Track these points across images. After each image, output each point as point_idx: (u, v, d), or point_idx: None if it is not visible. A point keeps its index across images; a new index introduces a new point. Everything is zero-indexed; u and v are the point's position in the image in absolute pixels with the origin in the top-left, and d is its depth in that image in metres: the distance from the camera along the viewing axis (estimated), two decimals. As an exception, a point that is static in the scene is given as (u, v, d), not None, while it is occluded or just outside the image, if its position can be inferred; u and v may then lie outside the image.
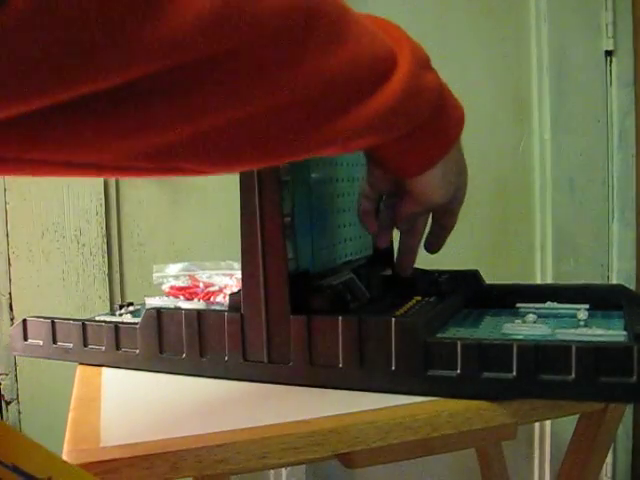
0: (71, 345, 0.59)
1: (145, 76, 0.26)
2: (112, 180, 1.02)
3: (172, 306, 0.64)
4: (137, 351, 0.56)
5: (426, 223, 0.55)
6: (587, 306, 0.58)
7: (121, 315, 0.67)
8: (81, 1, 0.21)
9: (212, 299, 0.69)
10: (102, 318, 0.63)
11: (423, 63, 0.40)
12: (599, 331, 0.49)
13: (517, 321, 0.54)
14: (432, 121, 0.42)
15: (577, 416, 0.58)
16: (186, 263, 0.77)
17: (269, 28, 0.28)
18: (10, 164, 0.28)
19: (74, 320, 0.59)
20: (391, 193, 0.53)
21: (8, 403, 0.99)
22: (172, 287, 0.72)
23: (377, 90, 0.36)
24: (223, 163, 0.33)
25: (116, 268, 1.03)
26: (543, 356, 0.42)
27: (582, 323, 0.54)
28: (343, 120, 0.35)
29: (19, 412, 0.99)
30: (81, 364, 0.59)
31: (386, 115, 0.37)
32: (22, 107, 0.23)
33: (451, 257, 0.57)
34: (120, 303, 0.72)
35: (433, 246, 0.57)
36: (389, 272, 0.63)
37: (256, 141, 0.33)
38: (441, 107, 0.43)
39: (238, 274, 0.73)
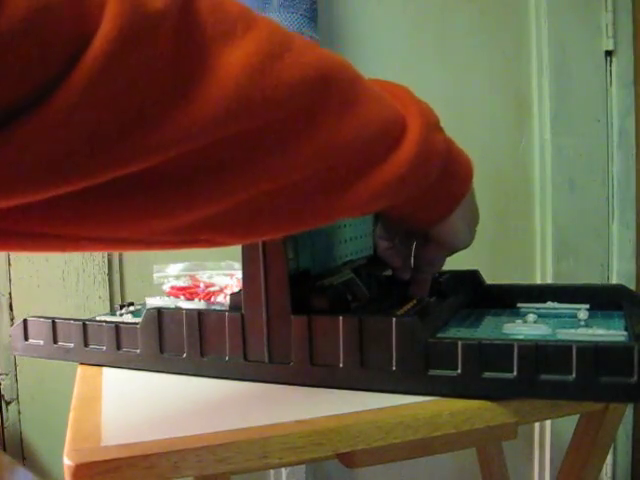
0: (72, 345, 0.59)
1: (176, 158, 0.26)
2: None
3: (173, 306, 0.64)
4: (138, 351, 0.56)
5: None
6: (587, 306, 0.58)
7: (121, 315, 0.67)
8: (119, 90, 0.22)
9: (213, 299, 0.69)
10: (103, 318, 0.63)
11: (432, 125, 0.39)
12: (599, 331, 0.49)
13: (517, 321, 0.54)
14: (441, 180, 0.42)
15: (577, 416, 0.58)
16: (187, 263, 0.77)
17: (289, 103, 0.28)
18: (38, 239, 0.28)
19: (75, 320, 0.59)
20: (407, 233, 0.54)
21: (8, 403, 0.99)
22: (173, 287, 0.72)
23: (389, 156, 0.36)
24: (244, 235, 0.34)
25: (116, 268, 1.03)
26: (543, 356, 0.42)
27: (582, 323, 0.54)
28: (358, 188, 0.34)
29: (19, 412, 0.99)
30: (82, 364, 0.59)
31: (398, 181, 0.36)
32: (60, 190, 0.24)
33: (451, 257, 0.57)
34: (121, 303, 0.72)
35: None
36: (389, 272, 0.63)
37: (277, 214, 0.33)
38: (450, 165, 0.42)
39: (239, 274, 0.73)
